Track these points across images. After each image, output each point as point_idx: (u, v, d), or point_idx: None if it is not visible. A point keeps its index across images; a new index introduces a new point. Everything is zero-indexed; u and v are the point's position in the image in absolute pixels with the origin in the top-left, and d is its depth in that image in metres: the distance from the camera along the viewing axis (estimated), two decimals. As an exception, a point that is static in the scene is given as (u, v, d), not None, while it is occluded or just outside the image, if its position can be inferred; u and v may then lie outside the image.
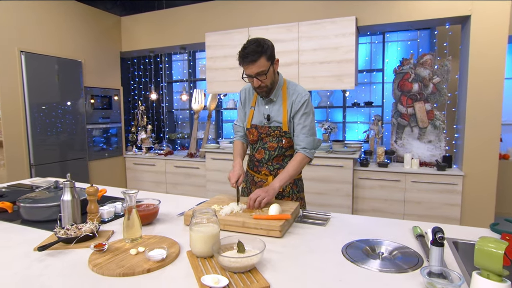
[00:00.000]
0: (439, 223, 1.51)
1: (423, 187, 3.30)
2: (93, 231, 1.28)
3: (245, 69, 1.61)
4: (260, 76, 1.60)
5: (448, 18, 3.29)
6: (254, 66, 1.57)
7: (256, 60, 1.56)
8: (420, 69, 3.52)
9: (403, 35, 4.05)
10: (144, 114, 4.95)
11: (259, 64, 1.56)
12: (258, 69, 1.57)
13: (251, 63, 1.57)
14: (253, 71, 1.58)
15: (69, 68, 4.09)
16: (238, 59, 1.61)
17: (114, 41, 4.81)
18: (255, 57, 1.55)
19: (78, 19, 4.24)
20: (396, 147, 3.73)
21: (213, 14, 4.32)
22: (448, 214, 3.26)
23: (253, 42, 1.58)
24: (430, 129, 3.53)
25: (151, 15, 4.71)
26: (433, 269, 1.00)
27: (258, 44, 1.56)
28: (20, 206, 1.53)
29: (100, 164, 4.58)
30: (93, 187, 1.46)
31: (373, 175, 3.48)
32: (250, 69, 1.58)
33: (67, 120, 4.08)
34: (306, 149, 1.69)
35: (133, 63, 5.46)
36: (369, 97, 4.24)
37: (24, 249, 1.22)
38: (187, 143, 5.51)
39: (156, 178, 4.73)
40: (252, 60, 1.56)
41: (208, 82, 4.31)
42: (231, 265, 1.01)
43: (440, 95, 3.46)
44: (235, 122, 1.94)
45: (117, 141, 4.89)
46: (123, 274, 1.01)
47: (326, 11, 3.69)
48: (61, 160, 4.01)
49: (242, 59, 1.59)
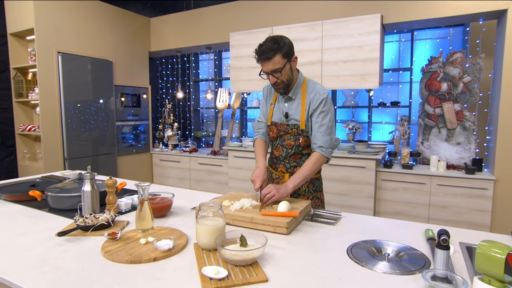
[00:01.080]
0: (466, 229, 1.45)
1: (450, 191, 3.15)
2: (109, 220, 1.35)
3: (261, 66, 1.64)
4: (275, 73, 1.61)
5: (482, 13, 3.11)
6: (269, 63, 1.59)
7: (271, 58, 1.58)
8: (450, 67, 3.36)
9: (432, 32, 3.88)
10: (171, 112, 5.11)
11: (274, 61, 1.58)
12: (273, 67, 1.59)
13: (266, 60, 1.59)
14: (268, 68, 1.61)
15: (101, 67, 4.31)
16: (254, 57, 1.64)
17: (143, 42, 5.01)
18: (270, 54, 1.57)
19: (110, 21, 4.46)
20: (423, 149, 3.59)
21: (237, 14, 4.38)
22: (477, 220, 3.09)
23: (270, 39, 1.60)
24: (459, 130, 3.36)
25: (178, 16, 4.85)
26: (438, 272, 0.97)
27: (275, 41, 1.58)
28: (48, 195, 1.65)
29: (128, 160, 4.78)
30: (111, 179, 1.55)
31: (397, 177, 3.38)
32: (266, 66, 1.61)
33: (100, 117, 4.31)
34: (323, 148, 1.66)
35: (161, 63, 5.65)
36: (396, 97, 4.11)
37: (47, 234, 1.32)
38: (212, 141, 5.61)
39: (181, 174, 4.87)
40: (267, 58, 1.58)
41: (231, 81, 4.38)
42: (232, 257, 1.04)
43: (471, 95, 3.29)
44: (257, 119, 1.95)
45: (145, 138, 5.08)
46: (130, 261, 1.07)
47: (350, 9, 3.62)
48: (92, 154, 4.24)
49: (258, 56, 1.62)
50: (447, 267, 0.98)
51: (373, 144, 3.83)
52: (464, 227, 3.12)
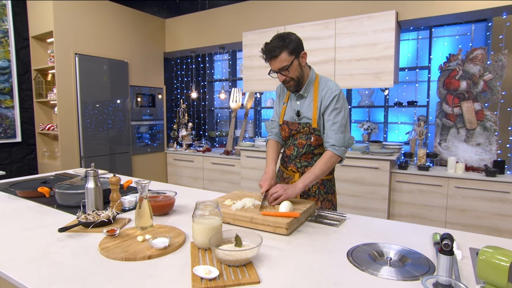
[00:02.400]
0: (486, 235, 1.38)
1: (469, 193, 3.01)
2: (110, 217, 1.37)
3: (269, 65, 1.62)
4: (283, 71, 1.58)
5: (506, 7, 2.96)
6: (276, 62, 1.57)
7: (277, 56, 1.55)
8: (469, 65, 3.21)
9: (451, 29, 3.73)
10: (185, 112, 5.16)
11: (281, 59, 1.55)
12: (280, 64, 1.57)
13: (272, 59, 1.57)
14: (276, 66, 1.58)
15: (116, 68, 4.40)
16: (262, 56, 1.62)
17: (158, 42, 5.08)
18: (276, 53, 1.55)
19: (126, 23, 4.55)
20: (440, 150, 3.46)
21: (250, 13, 4.37)
22: (500, 226, 2.94)
23: (276, 37, 1.58)
24: (479, 131, 3.21)
25: (192, 17, 4.89)
26: (440, 279, 0.91)
27: (281, 38, 1.56)
28: (55, 191, 1.69)
29: (143, 159, 4.86)
30: (115, 177, 1.56)
31: (412, 178, 3.26)
32: (273, 64, 1.59)
33: (117, 117, 4.40)
34: (336, 147, 1.60)
35: (176, 63, 5.72)
36: (413, 96, 3.98)
37: (51, 230, 1.35)
38: (226, 140, 5.62)
39: (194, 174, 4.91)
40: (273, 56, 1.56)
41: (244, 81, 4.37)
42: (225, 257, 1.02)
43: (492, 94, 3.13)
44: (271, 119, 1.92)
45: (160, 138, 5.15)
46: (125, 259, 1.07)
47: (364, 6, 3.53)
48: (108, 153, 4.33)
49: (264, 55, 1.60)
50: (451, 274, 0.92)
51: (388, 145, 3.72)
52: (484, 233, 2.97)
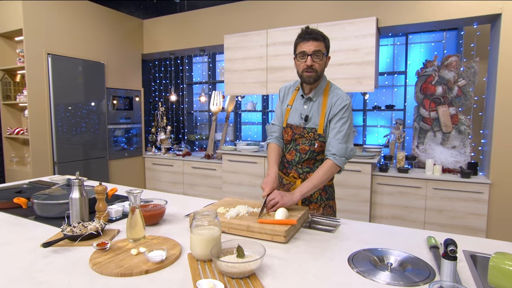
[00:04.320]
0: (462, 234, 1.42)
1: (446, 194, 3.14)
2: (98, 229, 1.29)
3: (302, 46, 1.59)
4: (317, 55, 1.57)
5: (476, 17, 3.12)
6: (314, 44, 1.56)
7: (318, 40, 1.57)
8: (445, 71, 3.36)
9: (427, 36, 3.89)
10: (164, 115, 5.03)
11: (320, 44, 1.57)
12: (317, 47, 1.56)
13: (312, 40, 1.57)
14: (312, 48, 1.57)
15: (92, 69, 4.22)
16: (297, 38, 1.62)
17: (136, 44, 4.93)
18: (318, 37, 1.57)
19: (102, 23, 4.38)
20: (418, 153, 3.58)
21: (232, 16, 4.34)
22: (473, 225, 3.08)
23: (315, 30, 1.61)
24: (454, 134, 3.36)
25: (172, 18, 4.80)
26: (445, 284, 0.92)
27: (320, 33, 1.60)
28: (33, 202, 1.57)
29: (120, 164, 4.69)
30: (101, 185, 1.48)
31: (393, 180, 3.35)
32: (309, 45, 1.57)
33: (91, 120, 4.22)
34: (336, 156, 1.58)
35: (154, 65, 5.58)
36: (390, 100, 4.10)
37: (32, 245, 1.25)
38: (206, 144, 5.54)
39: (174, 178, 4.79)
40: (315, 38, 1.57)
41: (226, 84, 4.33)
42: (228, 270, 0.98)
43: (466, 99, 3.29)
44: (272, 122, 1.88)
45: (137, 141, 4.99)
46: (120, 274, 1.00)
47: (345, 12, 3.60)
48: (83, 158, 4.14)
49: (304, 34, 1.59)
50: (454, 279, 0.94)
51: (368, 148, 3.81)
52: (460, 232, 3.10)
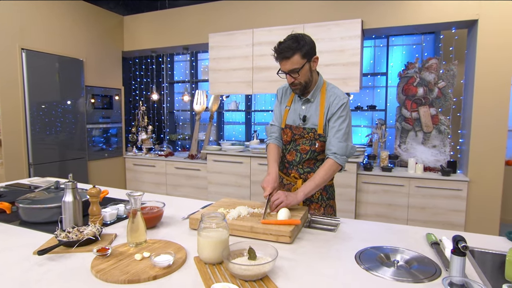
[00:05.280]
0: (443, 230, 1.46)
1: (428, 192, 3.25)
2: (96, 234, 1.22)
3: (280, 65, 1.57)
4: (293, 74, 1.54)
5: (454, 22, 3.26)
6: (287, 63, 1.52)
7: (289, 57, 1.50)
8: (425, 73, 3.48)
9: (407, 39, 4.02)
10: (145, 115, 4.90)
11: (293, 61, 1.51)
12: (291, 66, 1.52)
13: (284, 59, 1.52)
14: (286, 67, 1.54)
15: (70, 66, 4.04)
16: (273, 55, 1.57)
17: (116, 41, 4.77)
18: (288, 54, 1.50)
19: (81, 18, 4.20)
20: (400, 152, 3.69)
21: (217, 14, 4.29)
22: (453, 220, 3.21)
23: (290, 37, 1.53)
24: (435, 134, 3.49)
25: (154, 15, 4.68)
26: (455, 280, 0.95)
27: (295, 40, 1.51)
28: (19, 207, 1.47)
29: (100, 164, 4.52)
30: (95, 188, 1.41)
31: (377, 179, 3.44)
32: (284, 65, 1.54)
33: (67, 119, 4.03)
34: (337, 155, 1.58)
35: (134, 63, 5.42)
36: (372, 101, 4.21)
37: (23, 252, 1.17)
38: (188, 144, 5.45)
39: (156, 179, 4.67)
40: (285, 57, 1.51)
41: (210, 83, 4.27)
42: (242, 273, 0.96)
43: (446, 100, 3.43)
44: (270, 123, 1.85)
45: (117, 142, 4.83)
46: (128, 281, 0.96)
47: (331, 13, 3.66)
48: (60, 159, 3.95)
49: (276, 54, 1.55)
50: (464, 274, 0.96)
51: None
52: (440, 227, 3.23)
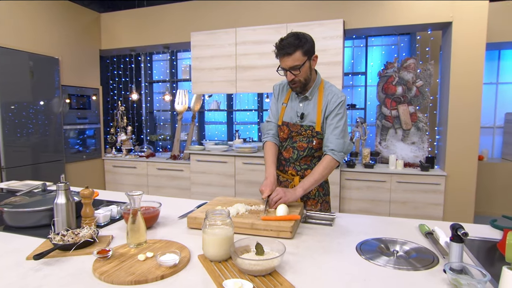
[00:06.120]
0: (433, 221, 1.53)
1: (408, 187, 3.38)
2: (93, 236, 1.18)
3: (280, 61, 1.57)
4: (294, 70, 1.55)
5: (430, 24, 3.41)
6: (289, 59, 1.53)
7: (291, 53, 1.51)
8: (404, 72, 3.62)
9: (385, 39, 4.16)
10: (124, 115, 4.76)
11: (294, 57, 1.52)
12: (293, 63, 1.53)
13: (286, 56, 1.53)
14: (288, 64, 1.54)
15: (44, 65, 3.85)
16: (274, 51, 1.57)
17: (93, 39, 4.60)
18: (290, 50, 1.51)
19: (55, 14, 4.02)
20: (381, 149, 3.81)
21: (199, 13, 4.24)
22: (432, 214, 3.36)
23: (292, 35, 1.54)
24: (414, 131, 3.64)
25: (133, 13, 4.56)
26: (454, 265, 0.99)
27: (296, 37, 1.52)
28: (4, 211, 1.39)
29: (78, 167, 4.35)
30: (88, 189, 1.36)
31: (360, 176, 3.53)
32: (285, 62, 1.55)
33: (40, 120, 3.83)
34: (335, 152, 1.60)
35: (112, 62, 5.25)
36: (352, 99, 4.32)
37: (14, 258, 1.11)
38: (169, 145, 5.36)
39: (138, 181, 4.56)
40: (287, 53, 1.52)
41: (193, 83, 4.22)
42: (252, 268, 0.96)
43: (423, 98, 3.58)
44: (266, 119, 1.85)
45: (96, 143, 4.66)
46: (135, 282, 0.93)
47: (314, 13, 3.72)
48: (34, 162, 3.76)
49: (278, 50, 1.55)
50: (462, 260, 1.01)
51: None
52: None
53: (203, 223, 1.10)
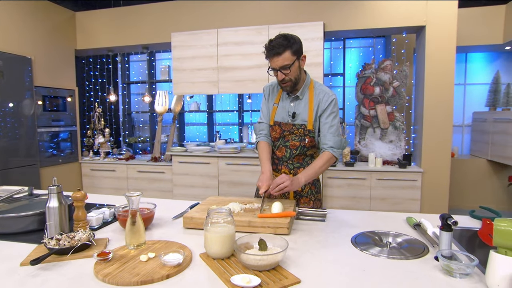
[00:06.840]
0: (418, 214, 1.62)
1: (387, 184, 3.52)
2: (90, 239, 1.15)
3: (270, 61, 1.60)
4: (284, 70, 1.58)
5: (405, 27, 3.57)
6: (278, 59, 1.56)
7: (280, 53, 1.55)
8: (381, 73, 3.77)
9: (362, 41, 4.31)
10: (101, 117, 4.62)
11: (284, 57, 1.55)
12: (283, 62, 1.56)
13: (276, 56, 1.56)
14: (278, 64, 1.57)
15: (16, 64, 3.67)
16: (264, 52, 1.60)
17: (68, 38, 4.44)
18: (280, 50, 1.55)
19: (26, 11, 3.84)
20: (360, 147, 3.94)
21: (179, 13, 4.20)
22: (410, 208, 3.51)
23: (280, 36, 1.58)
24: (391, 129, 3.79)
25: (111, 12, 4.44)
26: (444, 252, 1.06)
27: (285, 38, 1.56)
28: (-11, 217, 1.33)
29: (53, 171, 4.17)
30: (80, 192, 1.33)
31: (341, 174, 3.63)
32: (275, 62, 1.58)
33: (8, 123, 3.63)
34: (334, 149, 1.66)
35: (88, 63, 5.09)
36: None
37: (7, 265, 1.06)
38: (148, 147, 5.26)
39: (117, 184, 4.44)
40: (277, 53, 1.55)
41: (174, 83, 4.17)
42: (257, 263, 0.98)
43: (400, 98, 3.74)
44: (258, 120, 1.87)
45: (72, 146, 4.50)
46: (141, 283, 0.92)
47: (294, 15, 3.79)
48: (5, 167, 3.55)
49: (267, 51, 1.58)
50: (451, 247, 1.08)
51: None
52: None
53: (205, 221, 1.11)
